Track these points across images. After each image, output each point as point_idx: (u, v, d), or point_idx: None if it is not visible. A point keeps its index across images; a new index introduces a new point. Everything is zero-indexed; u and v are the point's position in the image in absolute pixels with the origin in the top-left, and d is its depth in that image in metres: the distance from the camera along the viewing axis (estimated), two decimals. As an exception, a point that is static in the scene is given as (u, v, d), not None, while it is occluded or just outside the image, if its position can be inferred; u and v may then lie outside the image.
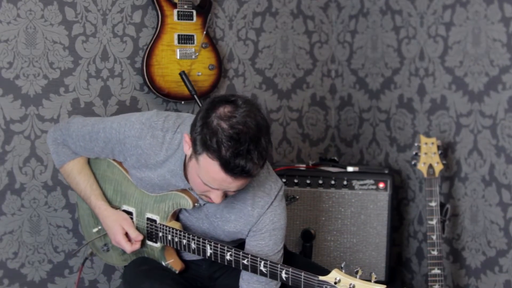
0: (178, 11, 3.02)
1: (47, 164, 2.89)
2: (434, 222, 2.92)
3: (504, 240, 2.96)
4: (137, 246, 2.38)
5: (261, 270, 2.15)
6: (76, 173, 2.46)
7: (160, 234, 2.35)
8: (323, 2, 3.59)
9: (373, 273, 1.99)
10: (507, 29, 2.88)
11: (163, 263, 2.41)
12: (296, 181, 3.10)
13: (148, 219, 2.39)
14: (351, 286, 1.97)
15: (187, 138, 2.14)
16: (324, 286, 2.02)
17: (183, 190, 2.32)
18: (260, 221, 2.29)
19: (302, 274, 2.07)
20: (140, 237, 2.38)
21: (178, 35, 3.03)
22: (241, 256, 2.18)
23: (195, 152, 2.09)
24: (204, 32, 3.08)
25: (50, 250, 2.93)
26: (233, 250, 2.20)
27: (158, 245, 2.38)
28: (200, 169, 2.09)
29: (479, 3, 2.97)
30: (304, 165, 3.20)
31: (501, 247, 2.97)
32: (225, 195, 2.18)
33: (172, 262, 2.41)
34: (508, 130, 2.91)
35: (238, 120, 2.04)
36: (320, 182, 3.09)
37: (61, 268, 2.96)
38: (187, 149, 2.14)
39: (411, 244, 3.36)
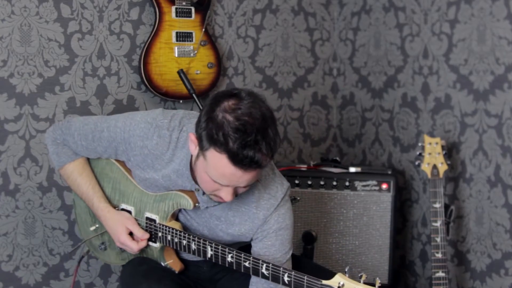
0: (176, 8, 2.98)
1: (42, 165, 2.85)
2: (438, 224, 2.88)
3: (510, 242, 2.92)
4: (143, 244, 2.34)
5: (263, 273, 2.11)
6: (77, 174, 2.43)
7: (160, 234, 2.32)
8: (324, -1, 3.57)
9: (378, 278, 1.96)
10: (513, 26, 2.85)
11: (162, 264, 2.37)
12: (297, 182, 3.07)
13: (147, 218, 2.36)
14: None
15: (192, 137, 2.10)
16: None
17: (184, 190, 2.28)
18: (266, 223, 2.26)
19: (305, 278, 2.02)
20: (146, 235, 2.33)
21: (176, 33, 2.99)
22: (242, 258, 2.14)
23: (202, 148, 2.06)
24: (203, 30, 3.04)
25: (45, 253, 2.89)
26: (234, 252, 2.16)
27: (157, 245, 2.34)
28: (209, 166, 2.05)
29: (484, -1, 2.94)
30: (306, 166, 3.18)
31: (507, 249, 2.93)
32: (236, 193, 2.13)
33: (172, 263, 2.37)
34: (514, 130, 2.88)
35: (243, 112, 2.01)
36: (322, 183, 3.06)
37: (57, 271, 2.92)
38: (193, 149, 2.11)
39: (415, 246, 3.33)
